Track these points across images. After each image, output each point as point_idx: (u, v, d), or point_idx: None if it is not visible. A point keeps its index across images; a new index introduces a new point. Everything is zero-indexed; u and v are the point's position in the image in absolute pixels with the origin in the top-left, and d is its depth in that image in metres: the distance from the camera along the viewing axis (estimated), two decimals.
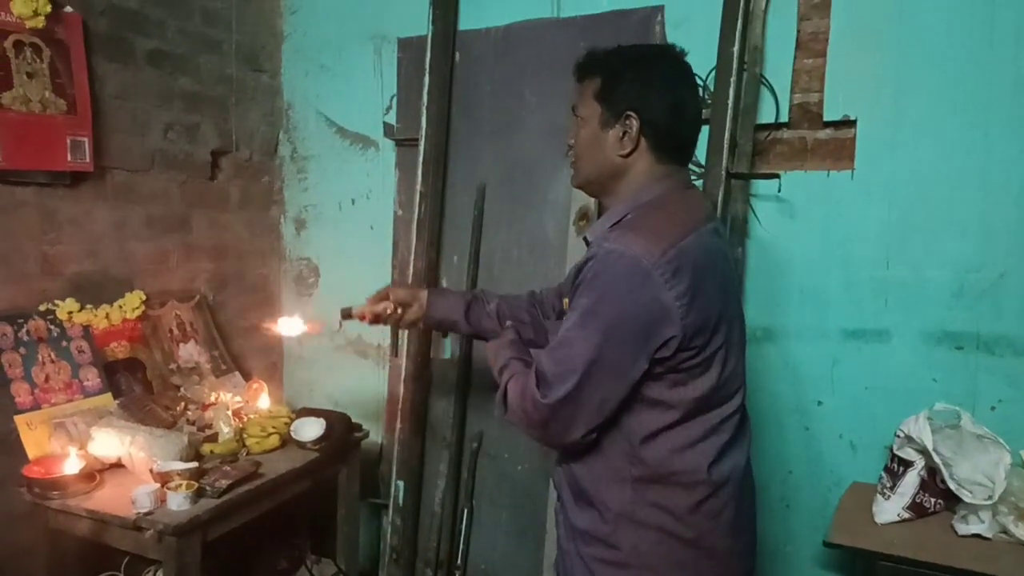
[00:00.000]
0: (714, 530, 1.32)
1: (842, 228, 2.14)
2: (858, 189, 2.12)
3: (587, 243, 1.38)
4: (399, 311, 1.74)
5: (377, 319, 1.75)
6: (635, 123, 1.34)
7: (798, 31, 2.15)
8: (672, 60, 1.40)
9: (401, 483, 2.44)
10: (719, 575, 1.36)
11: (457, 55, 2.52)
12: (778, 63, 2.17)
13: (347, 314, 1.76)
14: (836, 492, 2.11)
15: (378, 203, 2.77)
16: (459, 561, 2.42)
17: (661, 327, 1.22)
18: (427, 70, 2.44)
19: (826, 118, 2.14)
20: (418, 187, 2.45)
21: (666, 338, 1.22)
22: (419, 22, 2.49)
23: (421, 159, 2.45)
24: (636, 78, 1.35)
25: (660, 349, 1.23)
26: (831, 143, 2.17)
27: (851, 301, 2.14)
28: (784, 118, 2.18)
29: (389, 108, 2.73)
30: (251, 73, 2.79)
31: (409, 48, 2.63)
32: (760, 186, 2.21)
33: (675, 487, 1.29)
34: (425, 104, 2.44)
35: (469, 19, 2.51)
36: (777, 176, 2.12)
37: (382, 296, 1.75)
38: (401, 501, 2.44)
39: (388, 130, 2.73)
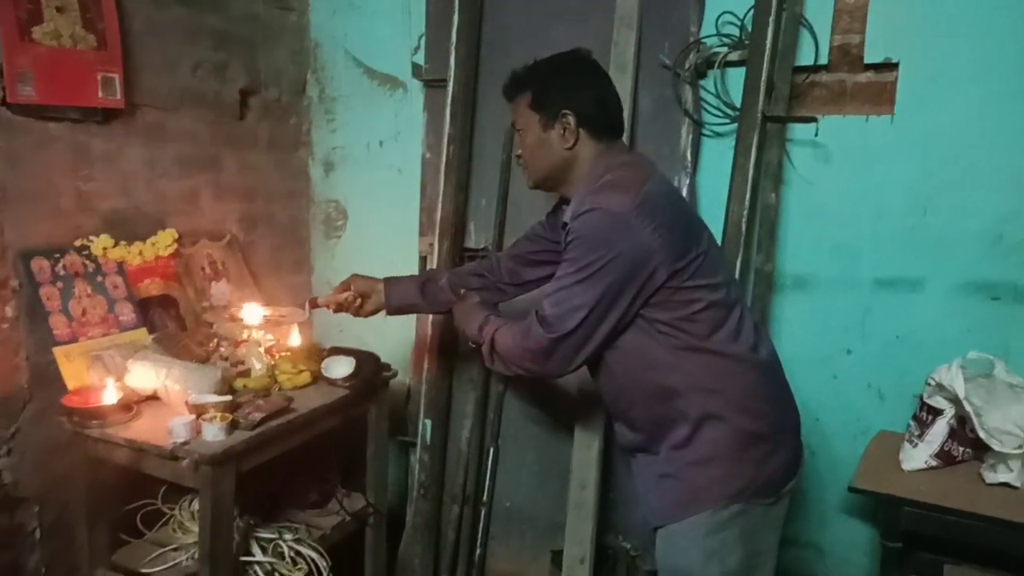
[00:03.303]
0: (769, 410, 1.52)
1: (879, 174, 2.10)
2: (897, 135, 2.07)
3: (565, 227, 1.53)
4: (358, 301, 1.96)
5: (340, 308, 1.97)
6: (571, 119, 1.56)
7: None
8: (584, 61, 1.64)
9: (429, 422, 2.48)
10: (780, 443, 1.54)
11: None
12: (818, 3, 2.10)
13: (314, 303, 2.01)
14: (862, 440, 2.11)
15: (406, 145, 2.75)
16: (485, 498, 2.47)
17: (648, 263, 1.42)
18: (456, 9, 2.39)
19: (867, 61, 2.08)
20: (446, 129, 2.43)
21: (654, 268, 1.42)
22: None
23: (449, 100, 2.42)
24: (561, 83, 1.58)
25: (652, 278, 1.43)
26: (871, 87, 2.11)
27: (885, 249, 2.11)
28: (823, 60, 2.12)
29: (417, 48, 2.69)
30: (278, 11, 2.76)
31: None
32: (797, 130, 2.16)
33: (728, 374, 1.48)
34: (454, 44, 2.40)
35: None
36: (815, 120, 2.07)
37: (345, 286, 1.97)
38: (429, 439, 2.48)
39: (417, 71, 2.70)
